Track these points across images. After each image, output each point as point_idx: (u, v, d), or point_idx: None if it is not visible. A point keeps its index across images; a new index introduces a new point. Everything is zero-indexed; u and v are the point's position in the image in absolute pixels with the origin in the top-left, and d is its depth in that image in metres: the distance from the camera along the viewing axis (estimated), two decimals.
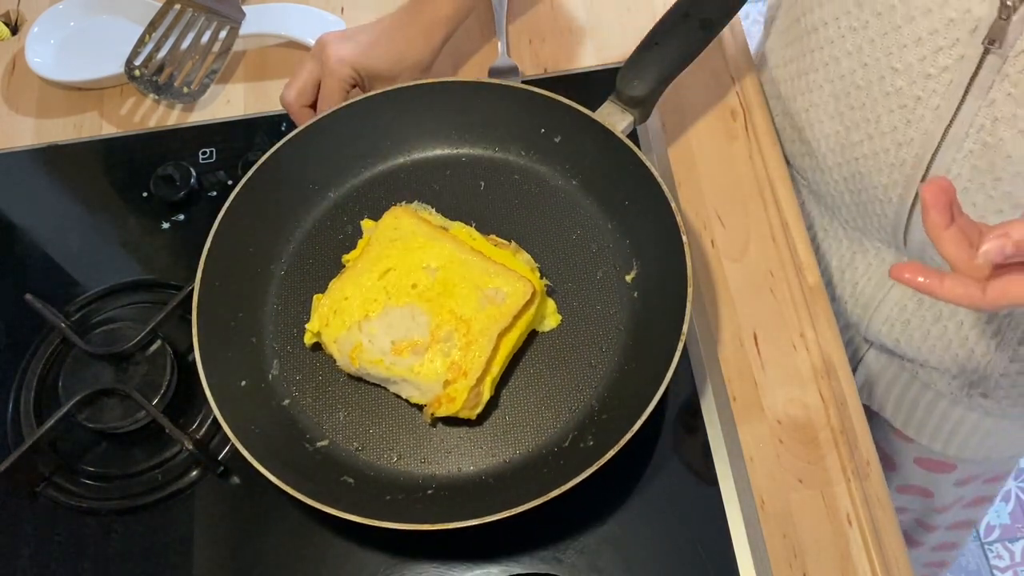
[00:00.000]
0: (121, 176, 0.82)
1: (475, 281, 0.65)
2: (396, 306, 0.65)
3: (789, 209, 0.75)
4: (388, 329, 0.64)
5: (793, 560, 0.62)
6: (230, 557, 0.64)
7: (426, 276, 0.66)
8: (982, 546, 1.71)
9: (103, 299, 0.75)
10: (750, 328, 0.71)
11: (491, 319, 0.64)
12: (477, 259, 0.67)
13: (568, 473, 0.57)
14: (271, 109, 0.84)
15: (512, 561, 0.62)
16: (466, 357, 0.63)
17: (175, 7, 0.84)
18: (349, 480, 0.63)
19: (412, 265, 0.67)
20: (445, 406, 0.63)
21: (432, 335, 0.64)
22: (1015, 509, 1.74)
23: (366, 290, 0.66)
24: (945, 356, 0.73)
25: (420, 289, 0.66)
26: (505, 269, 0.66)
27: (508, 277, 0.65)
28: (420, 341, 0.64)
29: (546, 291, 0.68)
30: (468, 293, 0.65)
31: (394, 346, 0.64)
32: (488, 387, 0.64)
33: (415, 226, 0.69)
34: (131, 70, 0.83)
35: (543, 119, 0.72)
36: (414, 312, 0.65)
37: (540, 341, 0.68)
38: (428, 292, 0.65)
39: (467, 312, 0.64)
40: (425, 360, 0.63)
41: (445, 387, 0.63)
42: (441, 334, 0.64)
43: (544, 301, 0.68)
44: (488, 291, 0.65)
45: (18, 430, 0.70)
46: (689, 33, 0.66)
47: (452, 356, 0.63)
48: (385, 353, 0.64)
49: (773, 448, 0.66)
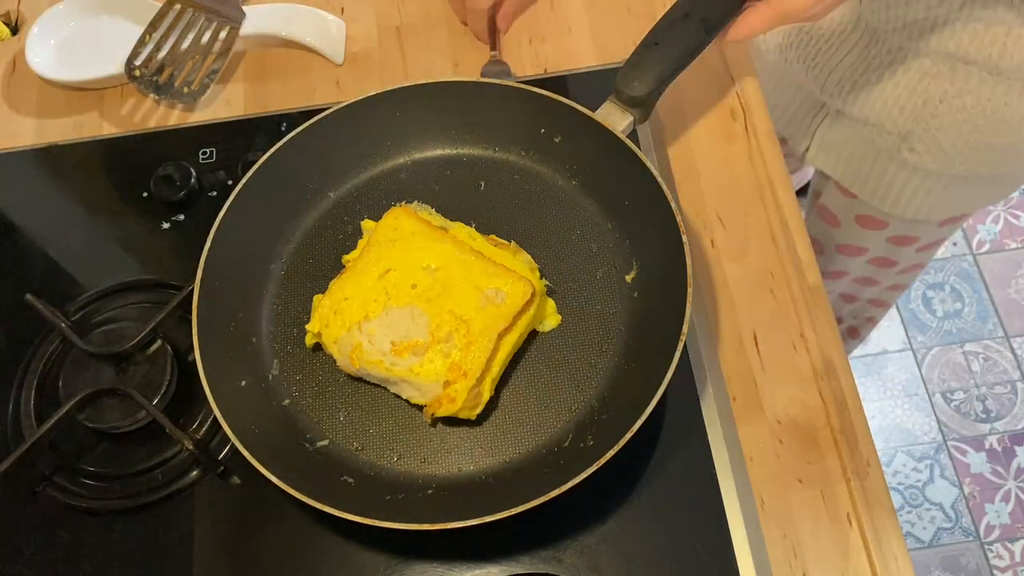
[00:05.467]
0: (121, 176, 0.82)
1: (475, 281, 0.65)
2: (396, 306, 0.65)
3: (789, 209, 0.75)
4: (388, 330, 0.64)
5: (793, 560, 0.62)
6: (230, 557, 0.64)
7: (426, 276, 0.66)
8: (982, 546, 1.71)
9: (103, 299, 0.75)
10: (750, 328, 0.71)
11: (491, 319, 0.64)
12: (477, 259, 0.67)
13: (568, 473, 0.57)
14: (271, 109, 0.84)
15: (512, 561, 0.62)
16: (466, 357, 0.63)
17: (175, 7, 0.84)
18: (349, 480, 0.63)
19: (412, 265, 0.67)
20: (445, 406, 0.63)
21: (432, 335, 0.64)
22: (1015, 509, 1.74)
23: (366, 290, 0.66)
24: (882, 113, 0.89)
25: (420, 289, 0.66)
26: (505, 269, 0.66)
27: (508, 277, 0.66)
28: (420, 342, 0.64)
29: (546, 291, 0.68)
30: (468, 293, 0.65)
31: (394, 347, 0.64)
32: (488, 387, 0.64)
33: (415, 226, 0.69)
34: (131, 70, 0.83)
35: (543, 119, 0.72)
36: (414, 312, 0.65)
37: (540, 341, 0.68)
38: (428, 292, 0.65)
39: (467, 312, 0.64)
40: (425, 360, 0.63)
41: (445, 387, 0.63)
42: (441, 334, 0.64)
43: (544, 301, 0.68)
44: (488, 291, 0.65)
45: (18, 430, 0.70)
46: (689, 33, 0.66)
47: (452, 356, 0.63)
48: (385, 354, 0.64)
49: (773, 448, 0.66)
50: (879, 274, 1.19)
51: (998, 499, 1.75)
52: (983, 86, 0.82)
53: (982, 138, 0.87)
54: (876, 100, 0.90)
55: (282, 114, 0.83)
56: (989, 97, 0.83)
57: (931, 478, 1.79)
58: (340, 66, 0.87)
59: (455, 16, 0.89)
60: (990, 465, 1.79)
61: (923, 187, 0.96)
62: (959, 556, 1.71)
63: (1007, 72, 0.80)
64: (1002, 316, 1.94)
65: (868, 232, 1.09)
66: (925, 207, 0.99)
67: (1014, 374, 1.88)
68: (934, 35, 0.80)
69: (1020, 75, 0.80)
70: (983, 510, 1.75)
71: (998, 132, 0.86)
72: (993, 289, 1.98)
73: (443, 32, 0.88)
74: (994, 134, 0.86)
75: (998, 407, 1.85)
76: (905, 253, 1.12)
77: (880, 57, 0.87)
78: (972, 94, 0.83)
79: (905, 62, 0.85)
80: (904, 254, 1.13)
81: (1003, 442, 1.81)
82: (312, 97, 0.85)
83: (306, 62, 0.87)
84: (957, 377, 1.89)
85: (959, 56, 0.80)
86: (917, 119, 0.88)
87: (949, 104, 0.85)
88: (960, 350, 1.92)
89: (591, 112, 0.69)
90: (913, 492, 1.78)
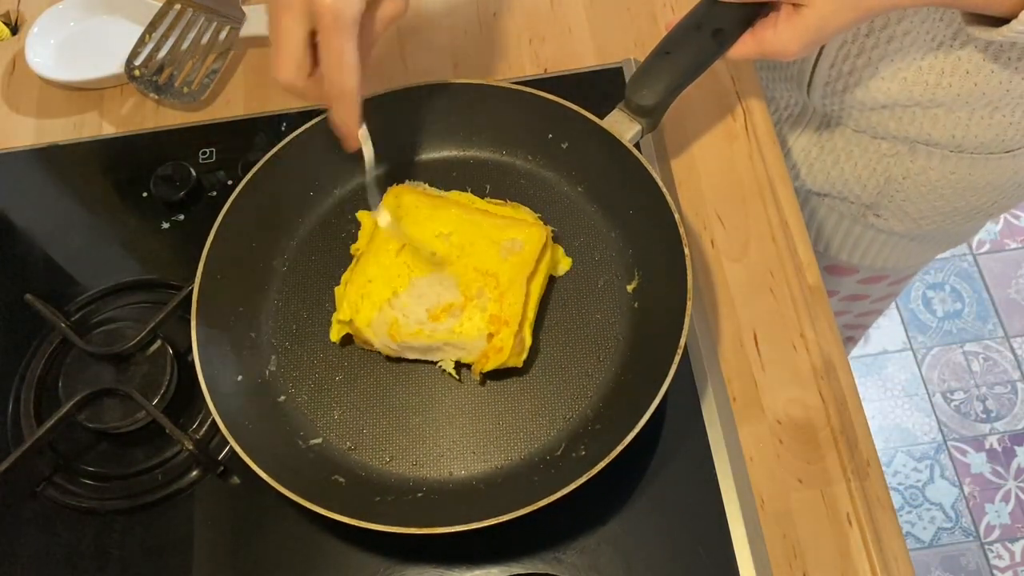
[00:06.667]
0: (121, 176, 0.82)
1: (490, 237, 0.67)
2: (421, 276, 0.66)
3: (789, 209, 0.75)
4: (420, 299, 0.65)
5: (793, 560, 0.62)
6: (230, 557, 0.64)
7: (442, 243, 0.67)
8: (982, 546, 1.71)
9: (103, 299, 0.75)
10: (750, 328, 0.71)
11: (516, 268, 0.66)
12: (485, 217, 0.69)
13: (559, 482, 0.57)
14: (271, 109, 0.84)
15: (512, 561, 0.62)
16: (503, 307, 0.64)
17: (175, 7, 0.84)
18: (340, 479, 0.63)
19: (426, 235, 0.68)
20: (493, 358, 0.64)
21: (464, 295, 0.65)
22: (1015, 509, 1.74)
23: (387, 268, 0.67)
24: (844, 188, 0.90)
25: (440, 256, 0.67)
26: (514, 220, 0.68)
27: (520, 226, 0.68)
28: (455, 303, 0.65)
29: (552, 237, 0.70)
30: (487, 249, 0.67)
31: (430, 313, 0.65)
32: (528, 332, 0.66)
33: (417, 200, 0.70)
34: (131, 70, 0.83)
35: (551, 124, 0.72)
36: (440, 278, 0.66)
37: (540, 344, 0.68)
38: (448, 256, 0.67)
39: (491, 266, 0.66)
40: (464, 319, 0.64)
41: (489, 340, 0.64)
42: (472, 292, 0.65)
43: (554, 246, 0.70)
44: (505, 243, 0.67)
45: (18, 430, 0.70)
46: (701, 44, 0.65)
47: (489, 309, 0.64)
48: (423, 322, 0.65)
49: (773, 448, 0.66)
50: (851, 307, 1.19)
51: (998, 499, 1.75)
52: (946, 162, 0.81)
53: (948, 203, 0.87)
54: (836, 179, 0.90)
55: (282, 114, 0.83)
56: (953, 170, 0.82)
57: (931, 478, 1.79)
58: None
59: (455, 16, 0.88)
60: (990, 465, 1.79)
61: (890, 243, 0.96)
62: (959, 556, 1.71)
63: (970, 150, 0.79)
64: (1002, 316, 1.95)
65: (837, 278, 1.09)
66: (893, 259, 0.99)
67: (1014, 374, 1.88)
68: (892, 121, 0.79)
69: (984, 151, 0.79)
70: (983, 510, 1.75)
71: (964, 197, 0.86)
72: (993, 289, 1.98)
73: (443, 32, 0.88)
74: (960, 199, 0.86)
75: (998, 407, 1.85)
76: (877, 288, 1.12)
77: (834, 140, 0.87)
78: (936, 170, 0.82)
79: (862, 144, 0.85)
80: (876, 289, 1.12)
81: (1003, 442, 1.81)
82: None
83: None
84: (957, 377, 1.89)
85: (920, 140, 0.80)
86: (881, 193, 0.88)
87: (913, 180, 0.84)
88: (960, 350, 1.92)
89: (599, 120, 0.69)
90: (913, 492, 1.78)
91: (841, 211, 0.94)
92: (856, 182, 0.88)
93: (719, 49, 0.65)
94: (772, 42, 0.61)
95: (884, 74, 0.75)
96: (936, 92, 0.74)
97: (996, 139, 0.77)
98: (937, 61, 0.72)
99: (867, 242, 0.97)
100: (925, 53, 0.72)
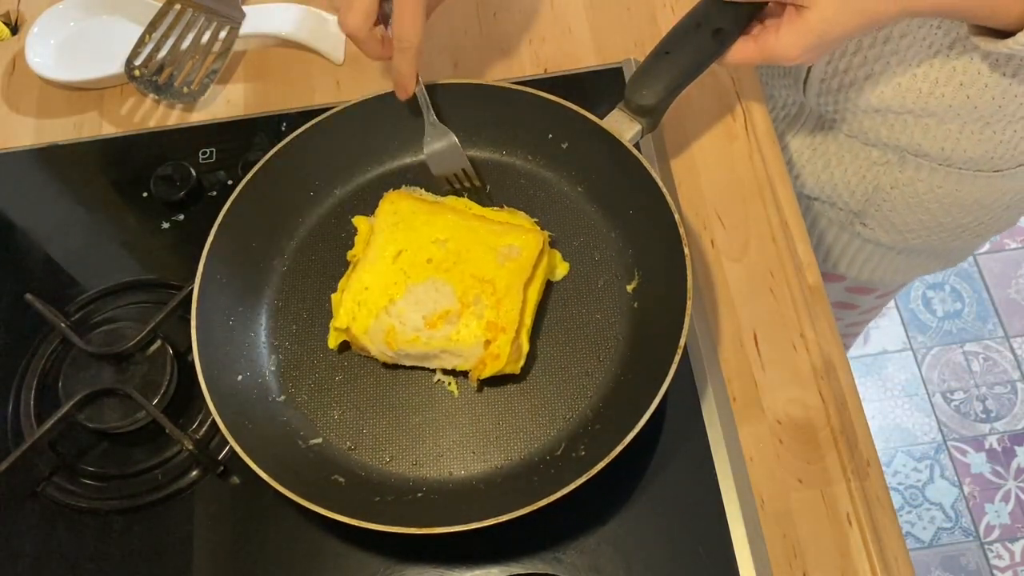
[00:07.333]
0: (121, 176, 0.82)
1: (487, 243, 0.67)
2: (417, 283, 0.66)
3: (789, 209, 0.75)
4: (416, 306, 0.65)
5: (793, 560, 0.62)
6: (230, 557, 0.64)
7: (439, 249, 0.67)
8: (982, 546, 1.71)
9: (103, 299, 0.75)
10: (750, 328, 0.71)
11: (513, 274, 0.66)
12: (481, 223, 0.68)
13: (558, 483, 0.57)
14: (271, 109, 0.84)
15: (512, 561, 0.62)
16: (500, 314, 0.64)
17: (175, 7, 0.84)
18: (340, 479, 0.63)
19: (422, 242, 0.68)
20: (491, 365, 0.63)
21: (460, 302, 0.65)
22: (1015, 509, 1.74)
23: (384, 276, 0.67)
24: (833, 194, 0.91)
25: (436, 262, 0.67)
26: (511, 226, 0.68)
27: (517, 232, 0.67)
28: (451, 310, 0.65)
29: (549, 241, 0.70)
30: (484, 255, 0.67)
31: (426, 321, 0.65)
32: (525, 338, 0.65)
33: (413, 205, 0.70)
34: (131, 70, 0.83)
35: (551, 124, 0.72)
36: (436, 285, 0.66)
37: (539, 345, 0.68)
38: (445, 263, 0.67)
39: (488, 273, 0.66)
40: (460, 326, 0.64)
41: (486, 347, 0.63)
42: (469, 299, 0.65)
43: (551, 251, 0.70)
44: (502, 249, 0.67)
45: (18, 430, 0.70)
46: (701, 43, 0.65)
47: (486, 316, 0.64)
48: (419, 330, 0.64)
49: (773, 448, 0.66)
50: (841, 314, 1.19)
51: (998, 499, 1.75)
52: (934, 175, 0.81)
53: (934, 218, 0.87)
54: (826, 183, 0.90)
55: (282, 114, 0.83)
56: (941, 184, 0.82)
57: (931, 478, 1.79)
58: (340, 66, 0.87)
59: (455, 16, 0.89)
60: (990, 465, 1.79)
61: (876, 254, 0.96)
62: (959, 556, 1.71)
63: (959, 164, 0.79)
64: (1002, 316, 1.95)
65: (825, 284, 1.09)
66: (879, 272, 1.00)
67: (1014, 374, 1.88)
68: (884, 127, 0.79)
69: (972, 167, 0.79)
70: (983, 510, 1.75)
71: (950, 213, 0.86)
72: (993, 289, 1.98)
73: (443, 32, 0.88)
74: (946, 215, 0.86)
75: (998, 407, 1.85)
76: (866, 300, 1.12)
77: (827, 144, 0.87)
78: (924, 182, 0.83)
79: (853, 150, 0.85)
80: (865, 301, 1.13)
81: (1003, 442, 1.81)
82: (312, 97, 0.85)
83: (306, 62, 0.87)
84: (957, 377, 1.89)
85: (910, 149, 0.80)
86: (869, 201, 0.88)
87: (901, 191, 0.85)
88: (960, 350, 1.92)
89: (599, 120, 0.69)
90: (913, 492, 1.78)
91: (830, 217, 0.95)
92: (845, 188, 0.89)
93: (719, 49, 0.65)
94: (774, 46, 0.61)
95: (879, 77, 0.75)
96: (929, 101, 0.74)
97: (985, 156, 0.78)
98: (932, 69, 0.72)
99: (854, 251, 0.97)
100: (921, 60, 0.72)
